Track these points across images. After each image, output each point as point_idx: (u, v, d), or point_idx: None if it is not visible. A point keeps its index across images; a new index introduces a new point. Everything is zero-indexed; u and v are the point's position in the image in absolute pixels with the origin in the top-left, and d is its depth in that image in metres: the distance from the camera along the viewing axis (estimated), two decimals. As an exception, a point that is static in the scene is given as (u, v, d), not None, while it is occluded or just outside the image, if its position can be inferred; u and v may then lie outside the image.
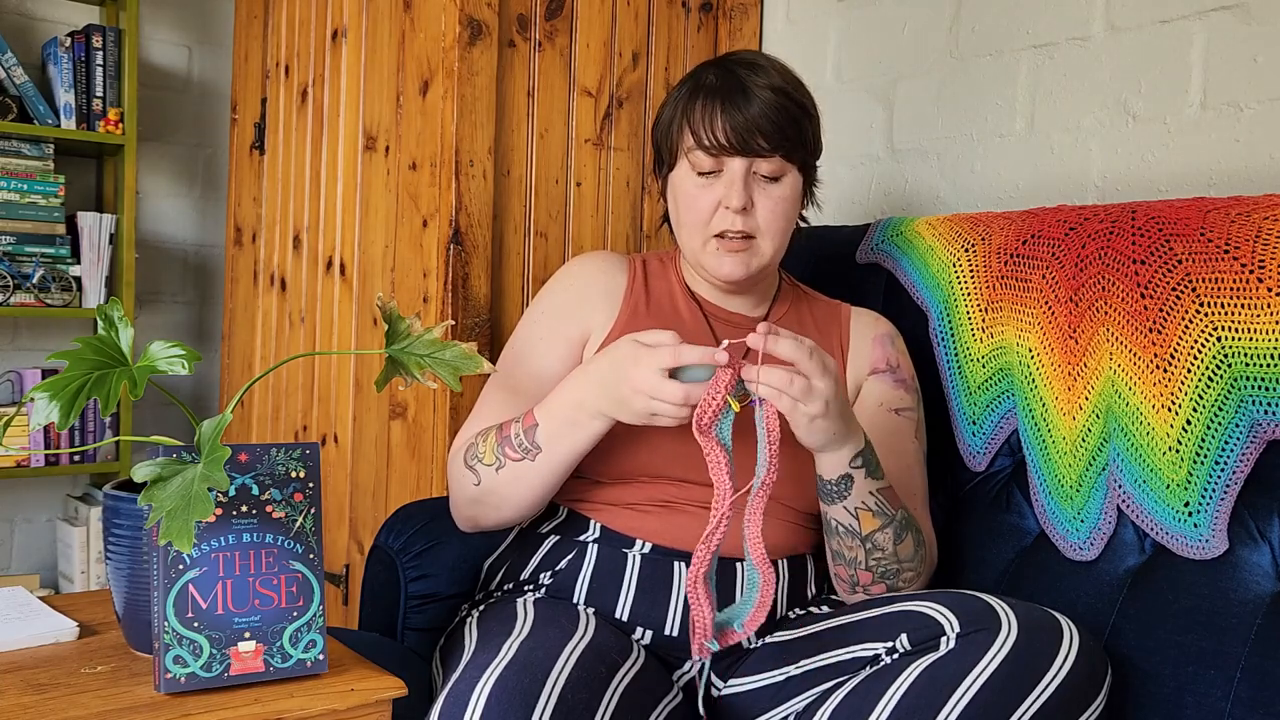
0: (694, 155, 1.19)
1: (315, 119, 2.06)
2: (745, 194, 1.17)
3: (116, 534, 0.91)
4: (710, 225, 1.19)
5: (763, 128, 1.15)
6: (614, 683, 0.96)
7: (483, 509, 1.17)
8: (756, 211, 1.19)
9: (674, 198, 1.24)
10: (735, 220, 1.18)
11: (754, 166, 1.18)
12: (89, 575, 2.48)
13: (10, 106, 2.35)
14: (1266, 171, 1.36)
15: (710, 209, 1.19)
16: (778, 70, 1.20)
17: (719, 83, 1.18)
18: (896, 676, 0.97)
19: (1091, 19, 1.54)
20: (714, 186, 1.19)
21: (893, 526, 1.10)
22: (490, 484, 1.14)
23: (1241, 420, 1.10)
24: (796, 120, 1.18)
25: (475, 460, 1.15)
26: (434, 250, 1.65)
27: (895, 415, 1.26)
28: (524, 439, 1.11)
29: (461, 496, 1.18)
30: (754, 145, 1.16)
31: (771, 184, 1.19)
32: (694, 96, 1.20)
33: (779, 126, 1.16)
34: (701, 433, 0.99)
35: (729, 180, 1.17)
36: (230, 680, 0.86)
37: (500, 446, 1.12)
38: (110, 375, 0.85)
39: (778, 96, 1.17)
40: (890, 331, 1.33)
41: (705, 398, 0.98)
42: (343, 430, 1.92)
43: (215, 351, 2.74)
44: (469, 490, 1.16)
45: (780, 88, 1.18)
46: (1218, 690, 1.03)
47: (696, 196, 1.20)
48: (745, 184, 1.17)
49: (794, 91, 1.19)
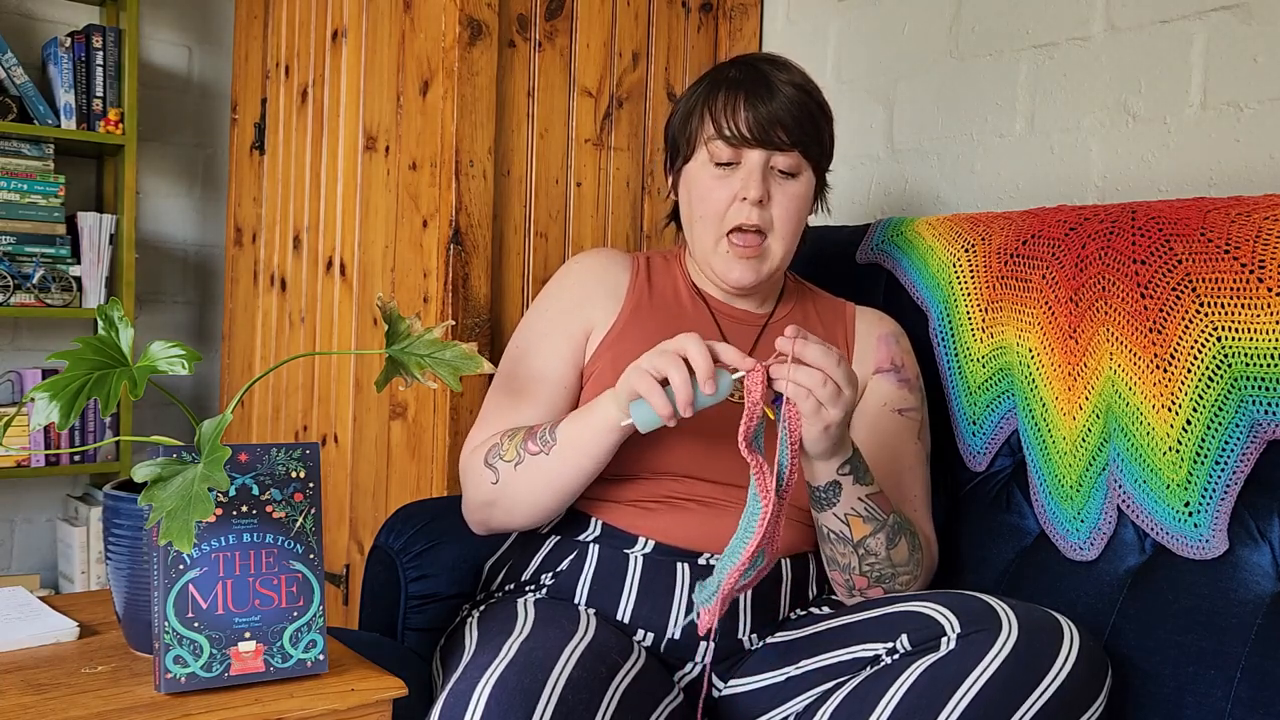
0: (713, 145, 1.19)
1: (315, 119, 2.06)
2: (763, 186, 1.17)
3: (116, 534, 0.91)
4: (725, 219, 1.19)
5: (784, 121, 1.16)
6: (614, 683, 0.96)
7: (494, 510, 1.17)
8: (772, 206, 1.19)
9: (687, 190, 1.24)
10: (751, 213, 1.18)
11: (772, 160, 1.18)
12: (89, 575, 2.48)
13: (10, 106, 2.35)
14: (1266, 171, 1.36)
15: (726, 202, 1.19)
16: (799, 70, 1.23)
17: (742, 76, 1.20)
18: (897, 677, 0.97)
19: (1091, 19, 1.54)
20: (730, 179, 1.19)
21: (885, 531, 1.10)
22: (506, 480, 1.14)
23: (1241, 420, 1.10)
24: (815, 119, 1.20)
25: (497, 458, 1.15)
26: (434, 250, 1.65)
27: (899, 415, 1.26)
28: (546, 434, 1.12)
29: (476, 496, 1.18)
30: (774, 138, 1.17)
31: (788, 180, 1.19)
32: (716, 88, 1.20)
33: (799, 122, 1.17)
34: (749, 448, 0.98)
35: (747, 172, 1.18)
36: (230, 680, 0.86)
37: (525, 442, 1.13)
38: (110, 375, 0.85)
39: (799, 93, 1.18)
40: (895, 331, 1.33)
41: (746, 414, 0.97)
42: (343, 430, 1.93)
43: (215, 351, 2.74)
44: (485, 490, 1.16)
45: (801, 85, 1.20)
46: (1218, 690, 1.03)
47: (712, 188, 1.20)
48: (763, 176, 1.18)
49: (814, 92, 1.22)
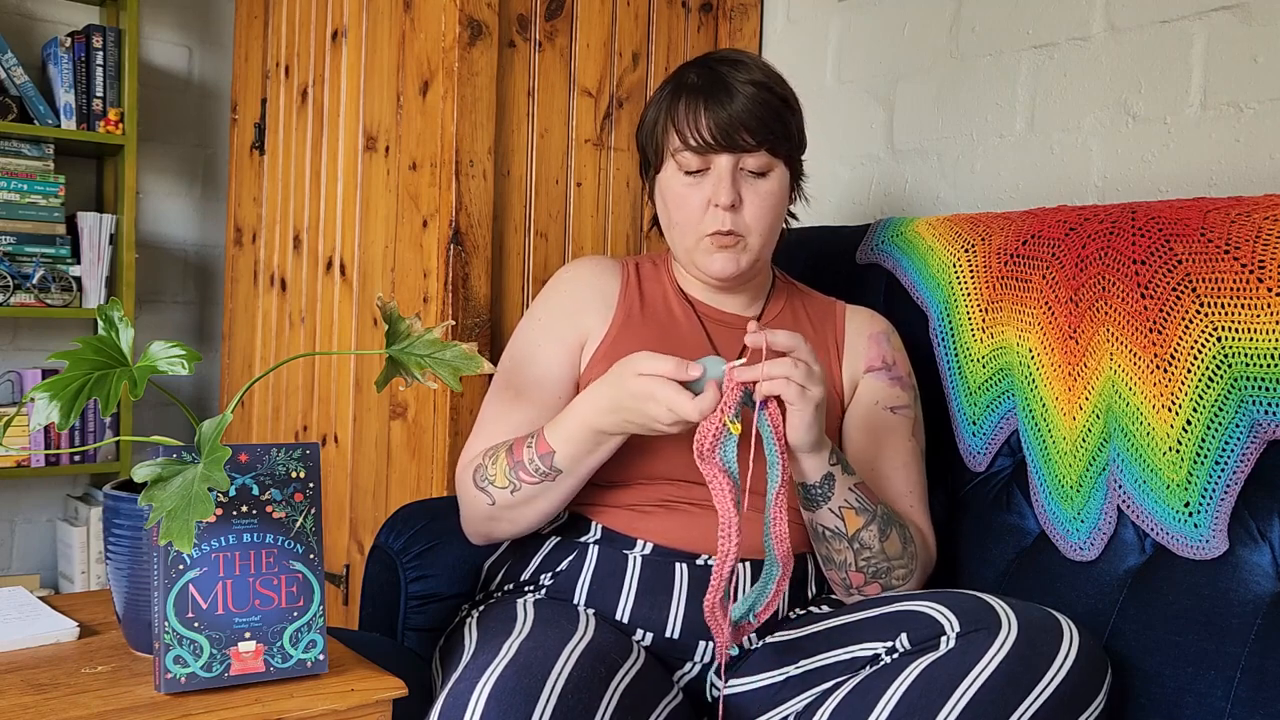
0: (681, 156, 1.19)
1: (315, 119, 2.06)
2: (733, 190, 1.18)
3: (117, 534, 0.91)
4: (702, 225, 1.20)
5: (747, 123, 1.16)
6: (613, 683, 0.96)
7: (499, 525, 1.18)
8: (745, 209, 1.19)
9: (662, 199, 1.25)
10: (725, 219, 1.18)
11: (741, 162, 1.18)
12: (89, 575, 2.48)
13: (10, 107, 2.35)
14: (1266, 171, 1.36)
15: (700, 208, 1.20)
16: (758, 66, 1.21)
17: (701, 81, 1.19)
18: (896, 676, 0.97)
19: (1091, 19, 1.54)
20: (702, 185, 1.19)
21: (876, 523, 1.11)
22: (506, 504, 1.14)
23: (1242, 420, 1.10)
24: (779, 114, 1.19)
25: (486, 483, 1.15)
26: (434, 250, 1.65)
27: (891, 413, 1.26)
28: (539, 464, 1.11)
29: (475, 514, 1.19)
30: (739, 141, 1.17)
31: (759, 180, 1.20)
32: (677, 96, 1.21)
33: (762, 120, 1.17)
34: (703, 459, 0.98)
35: (717, 177, 1.18)
36: (230, 680, 0.86)
37: (514, 471, 1.12)
38: (110, 375, 0.85)
39: (759, 91, 1.18)
40: (886, 329, 1.33)
41: (703, 423, 0.98)
42: (343, 430, 1.93)
43: (215, 352, 2.74)
44: (482, 509, 1.17)
45: (761, 82, 1.19)
46: (1218, 690, 1.03)
47: (685, 196, 1.20)
48: (733, 180, 1.18)
49: (775, 86, 1.20)
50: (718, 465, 0.98)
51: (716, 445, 0.98)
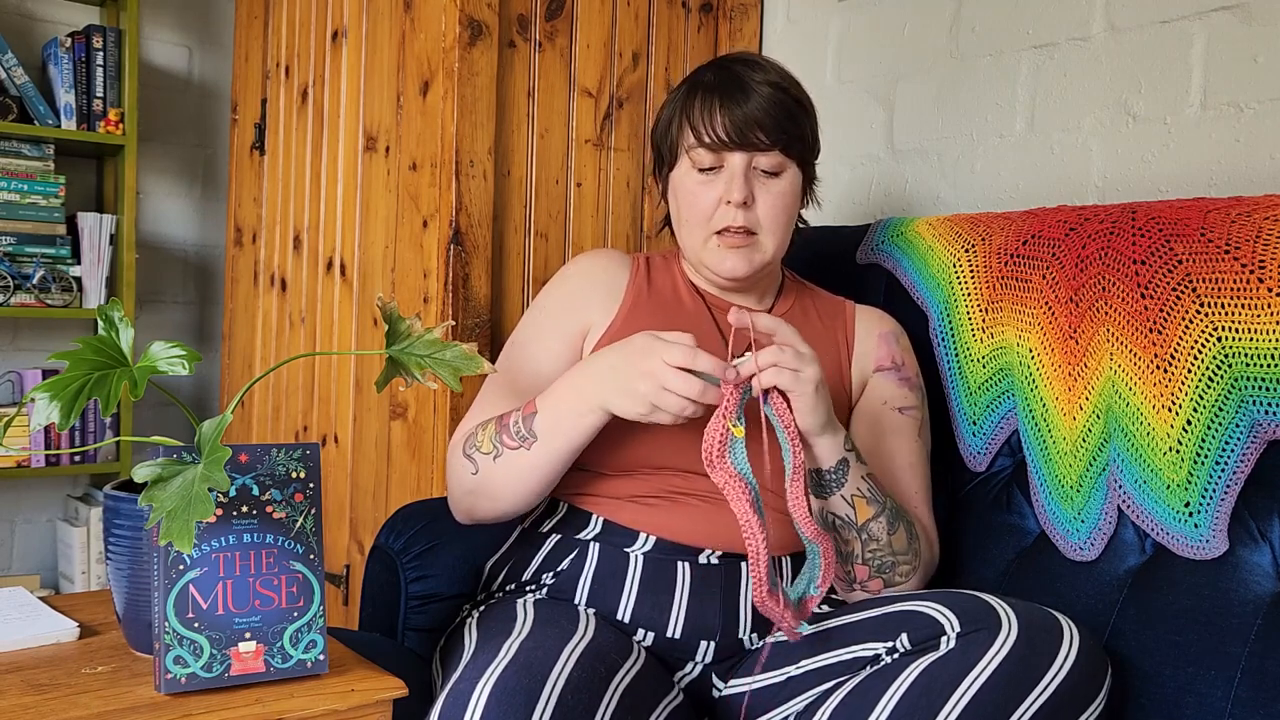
0: (695, 153, 1.20)
1: (315, 119, 2.06)
2: (746, 188, 1.18)
3: (117, 534, 0.91)
4: (712, 222, 1.21)
5: (761, 122, 1.17)
6: (614, 683, 0.96)
7: (478, 499, 1.17)
8: (757, 207, 1.20)
9: (675, 197, 1.25)
10: (737, 215, 1.19)
11: (754, 161, 1.19)
12: (89, 575, 2.48)
13: (10, 107, 2.35)
14: (1266, 171, 1.36)
15: (712, 205, 1.20)
16: (775, 68, 1.23)
17: (717, 80, 1.21)
18: (896, 676, 0.97)
19: (1091, 19, 1.54)
20: (715, 183, 1.20)
21: (885, 515, 1.12)
22: (487, 472, 1.14)
23: (1242, 420, 1.10)
24: (794, 115, 1.20)
25: (474, 449, 1.15)
26: (434, 251, 1.65)
27: (899, 414, 1.27)
28: (521, 427, 1.11)
29: (459, 487, 1.19)
30: (753, 139, 1.17)
31: (772, 179, 1.20)
32: (692, 94, 1.22)
33: (777, 120, 1.18)
34: (713, 467, 0.98)
35: (729, 175, 1.19)
36: (231, 680, 0.86)
37: (499, 435, 1.13)
38: (111, 376, 0.85)
39: (775, 91, 1.19)
40: (895, 329, 1.33)
41: (707, 431, 0.98)
42: (343, 430, 1.93)
43: (215, 352, 2.74)
44: (466, 480, 1.17)
45: (777, 83, 1.20)
46: (1218, 690, 1.03)
47: (698, 194, 1.21)
48: (746, 178, 1.19)
49: (791, 88, 1.22)
50: (729, 471, 0.98)
51: (724, 450, 0.98)
